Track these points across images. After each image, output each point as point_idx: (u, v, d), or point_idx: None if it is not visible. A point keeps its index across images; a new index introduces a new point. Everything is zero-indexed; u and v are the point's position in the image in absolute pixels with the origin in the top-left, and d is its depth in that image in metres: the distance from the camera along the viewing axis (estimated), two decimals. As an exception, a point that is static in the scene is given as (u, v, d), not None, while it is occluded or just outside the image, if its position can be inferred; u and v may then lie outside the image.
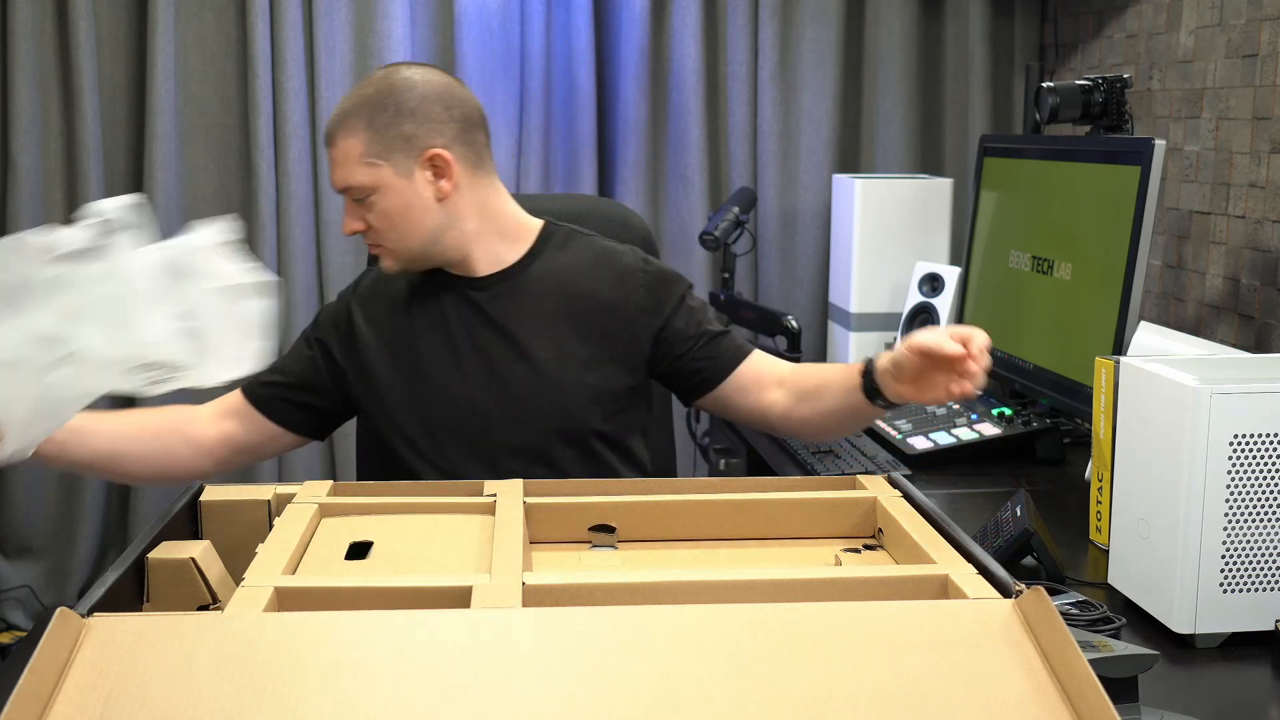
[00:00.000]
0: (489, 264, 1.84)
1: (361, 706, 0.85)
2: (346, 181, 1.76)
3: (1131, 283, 1.99)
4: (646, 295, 1.84)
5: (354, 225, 1.78)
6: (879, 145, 3.32)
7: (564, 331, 1.82)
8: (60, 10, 3.01)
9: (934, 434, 2.23)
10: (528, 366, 1.80)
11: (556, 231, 1.89)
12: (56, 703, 0.84)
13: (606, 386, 1.82)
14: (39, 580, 3.20)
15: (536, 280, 1.84)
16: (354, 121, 1.75)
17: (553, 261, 1.85)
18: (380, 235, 1.78)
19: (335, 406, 1.89)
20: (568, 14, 3.17)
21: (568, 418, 1.80)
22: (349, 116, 1.76)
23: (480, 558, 1.17)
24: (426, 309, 1.85)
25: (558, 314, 1.82)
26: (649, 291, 1.84)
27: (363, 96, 1.77)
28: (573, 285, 1.84)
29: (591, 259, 1.86)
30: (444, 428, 1.81)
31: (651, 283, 1.84)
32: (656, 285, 1.85)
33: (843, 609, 0.98)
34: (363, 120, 1.75)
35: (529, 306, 1.82)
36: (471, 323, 1.83)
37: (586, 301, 1.83)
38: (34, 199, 3.05)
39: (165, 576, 1.17)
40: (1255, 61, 2.38)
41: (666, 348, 1.84)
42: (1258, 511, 1.37)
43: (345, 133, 1.75)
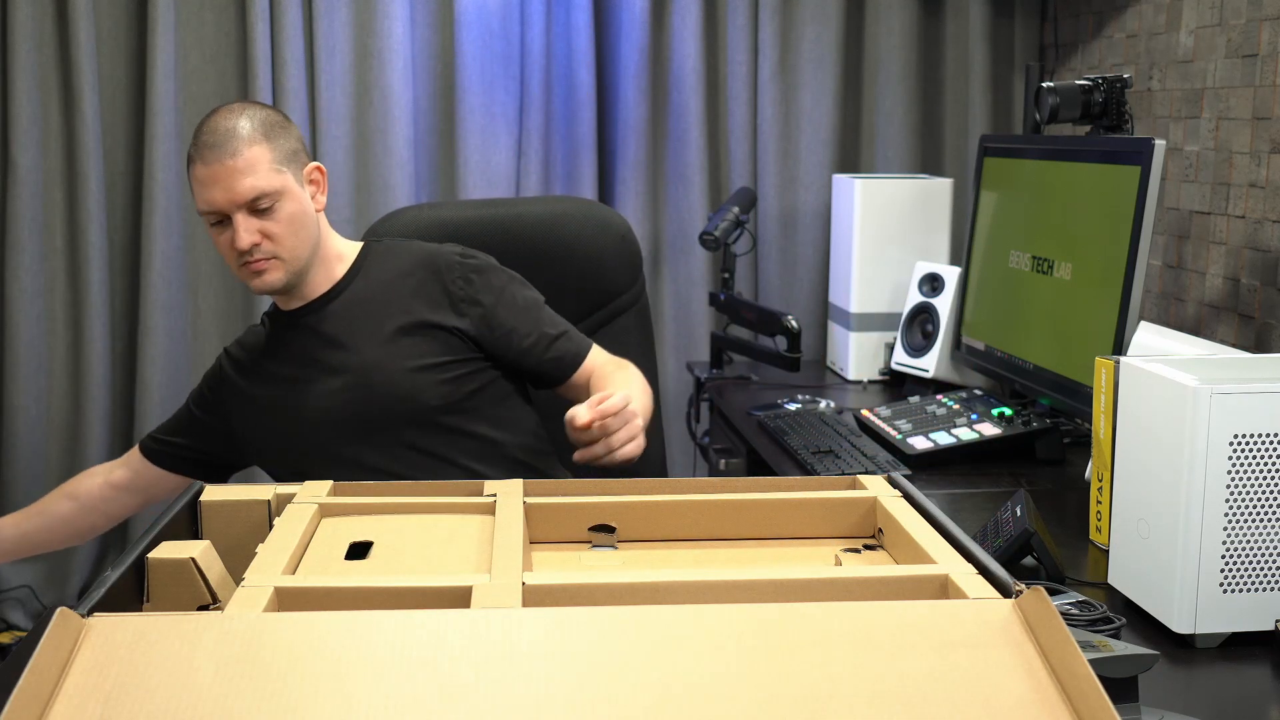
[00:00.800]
0: (319, 287, 1.95)
1: (361, 706, 0.85)
2: (257, 188, 1.81)
3: (1131, 283, 1.99)
4: (464, 284, 1.96)
5: (253, 238, 1.82)
6: (879, 145, 3.32)
7: (391, 327, 1.93)
8: (60, 10, 3.01)
9: (934, 434, 2.23)
10: (362, 366, 1.91)
11: (376, 247, 2.02)
12: (56, 703, 0.84)
13: (438, 366, 1.92)
14: (39, 580, 3.20)
15: (361, 291, 1.96)
16: (252, 133, 1.83)
17: (375, 271, 1.98)
18: (280, 244, 1.85)
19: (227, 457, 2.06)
20: (568, 14, 3.17)
21: (409, 403, 1.90)
22: (242, 131, 1.82)
23: (480, 558, 1.17)
24: (275, 347, 1.97)
25: (384, 314, 1.94)
26: (466, 281, 1.96)
27: (247, 117, 1.85)
28: (396, 286, 1.95)
29: (411, 260, 1.98)
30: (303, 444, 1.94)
31: (468, 272, 1.96)
32: (473, 274, 1.97)
33: (843, 609, 0.98)
34: (259, 133, 1.83)
35: (357, 315, 1.94)
36: (311, 345, 1.94)
37: (409, 298, 1.94)
38: (34, 199, 3.05)
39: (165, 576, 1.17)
40: (1255, 61, 2.38)
41: (502, 339, 1.96)
42: (1258, 511, 1.37)
43: (246, 143, 1.81)
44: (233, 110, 1.86)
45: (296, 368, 1.96)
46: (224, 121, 1.83)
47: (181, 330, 3.18)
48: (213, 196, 1.81)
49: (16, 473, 3.14)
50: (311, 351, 1.95)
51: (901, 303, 2.81)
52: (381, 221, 2.27)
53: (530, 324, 1.99)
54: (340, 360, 1.93)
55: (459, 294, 1.96)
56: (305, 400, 1.94)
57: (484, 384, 1.98)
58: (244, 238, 1.82)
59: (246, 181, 1.80)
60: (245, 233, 1.82)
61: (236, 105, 1.88)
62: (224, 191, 1.80)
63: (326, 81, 3.11)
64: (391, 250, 2.02)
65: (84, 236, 3.06)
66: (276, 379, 1.97)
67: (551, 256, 2.23)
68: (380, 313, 1.95)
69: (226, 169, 1.80)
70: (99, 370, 3.11)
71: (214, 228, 1.86)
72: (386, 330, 1.93)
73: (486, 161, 3.18)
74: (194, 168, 1.84)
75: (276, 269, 1.87)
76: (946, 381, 2.66)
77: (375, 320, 1.94)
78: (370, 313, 1.95)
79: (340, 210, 3.15)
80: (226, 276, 3.20)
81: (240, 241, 1.81)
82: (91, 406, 3.11)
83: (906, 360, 2.72)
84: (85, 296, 3.08)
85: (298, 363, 1.96)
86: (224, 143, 1.81)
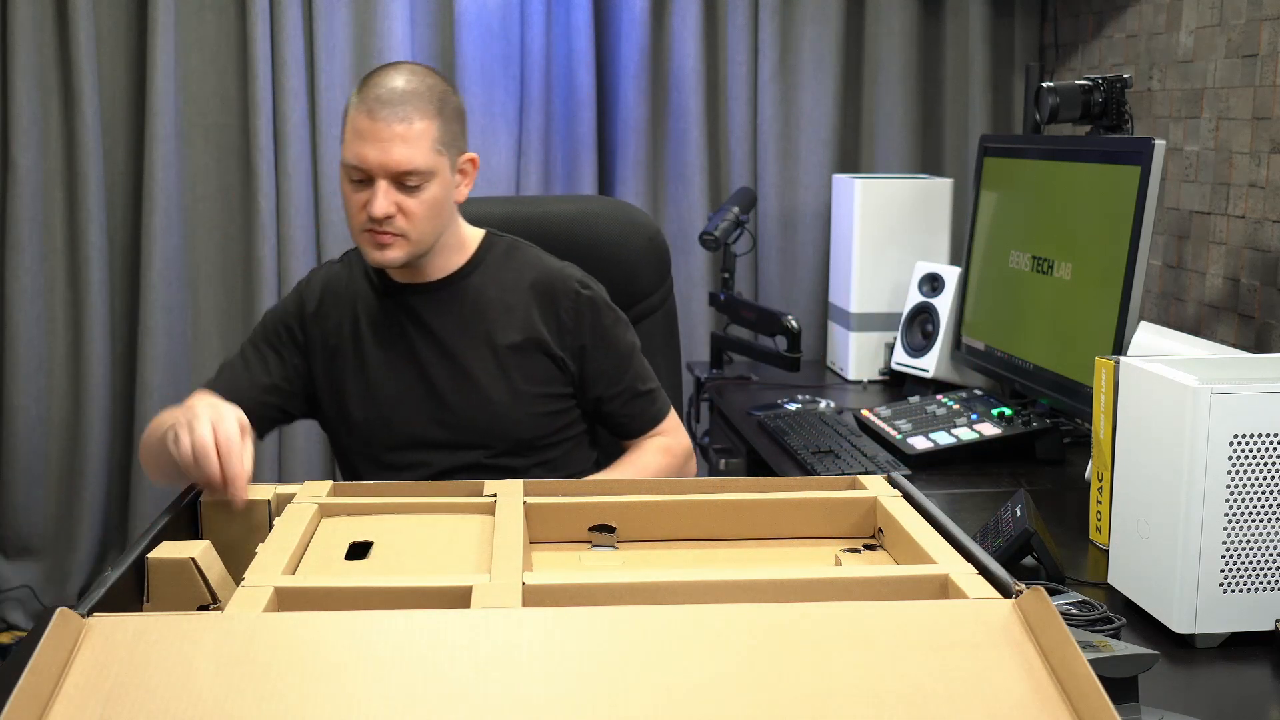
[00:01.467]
0: (436, 271, 1.87)
1: (361, 706, 0.85)
2: (413, 164, 1.72)
3: (1131, 283, 1.99)
4: (575, 316, 1.88)
5: (389, 209, 1.73)
6: (879, 145, 3.32)
7: (503, 341, 1.86)
8: (60, 10, 3.01)
9: (934, 434, 2.23)
10: (455, 375, 1.85)
11: (498, 242, 1.93)
12: (56, 703, 0.84)
13: (540, 397, 1.87)
14: (39, 580, 3.20)
15: (475, 291, 1.88)
16: (427, 106, 1.74)
17: (493, 272, 1.89)
18: (412, 223, 1.76)
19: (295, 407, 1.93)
20: (568, 14, 3.17)
21: (502, 424, 1.85)
22: (420, 99, 1.73)
23: (480, 558, 1.17)
24: (369, 309, 1.88)
25: (496, 324, 1.87)
26: (577, 313, 1.89)
27: (426, 85, 1.75)
28: (513, 297, 1.88)
29: (532, 272, 1.90)
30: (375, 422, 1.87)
31: (581, 305, 1.89)
32: (586, 308, 1.89)
33: (843, 609, 0.98)
34: (434, 106, 1.75)
35: (464, 316, 1.87)
36: (410, 327, 1.87)
37: (525, 315, 1.87)
38: (34, 199, 3.05)
39: (165, 576, 1.17)
40: (1255, 61, 2.38)
41: (591, 380, 1.90)
42: (1258, 511, 1.37)
43: (422, 115, 1.73)
44: (415, 72, 1.77)
45: (385, 344, 1.87)
46: (403, 82, 1.74)
47: (181, 330, 3.18)
48: (365, 153, 1.72)
49: (16, 473, 3.14)
50: (408, 334, 1.86)
51: (901, 303, 2.81)
52: None
53: (621, 373, 1.92)
54: (439, 357, 1.85)
55: (568, 324, 1.88)
56: (386, 381, 1.86)
57: (570, 421, 1.92)
58: (381, 205, 1.72)
59: (405, 153, 1.72)
60: (384, 201, 1.72)
61: (420, 69, 1.79)
62: (379, 154, 1.71)
63: (326, 82, 3.11)
64: (513, 253, 1.92)
65: (84, 236, 3.06)
66: (360, 343, 1.87)
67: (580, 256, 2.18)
68: (493, 321, 1.86)
69: (391, 132, 1.71)
70: (99, 370, 3.11)
71: (352, 182, 1.76)
72: (497, 343, 1.86)
73: (486, 161, 3.17)
74: (356, 116, 1.74)
75: (401, 246, 1.77)
76: (946, 381, 2.66)
77: (486, 327, 1.86)
78: (482, 317, 1.86)
79: (340, 210, 3.15)
80: (226, 276, 3.20)
81: (376, 208, 1.72)
82: (91, 406, 3.11)
83: (906, 360, 2.72)
84: (85, 296, 3.08)
85: (388, 339, 1.87)
86: (398, 104, 1.72)
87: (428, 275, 1.87)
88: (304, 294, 1.92)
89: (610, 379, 1.91)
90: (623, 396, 1.92)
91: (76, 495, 3.16)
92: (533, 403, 1.87)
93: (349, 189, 1.77)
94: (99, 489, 3.16)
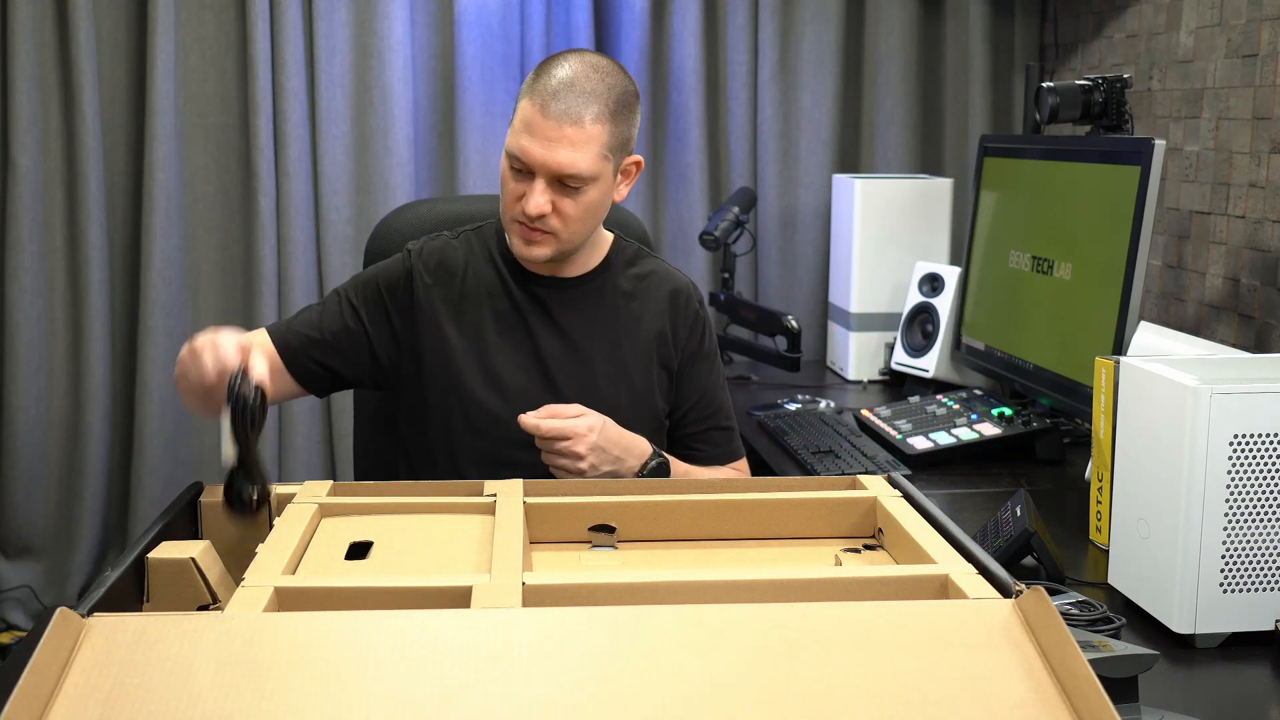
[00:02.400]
0: (574, 268, 1.82)
1: (361, 706, 0.85)
2: (576, 168, 1.67)
3: (1131, 283, 1.99)
4: (689, 335, 1.86)
5: (544, 209, 1.68)
6: (879, 145, 3.32)
7: (622, 349, 1.82)
8: (60, 10, 3.01)
9: (934, 434, 2.23)
10: (585, 376, 1.79)
11: (626, 247, 1.89)
12: (56, 703, 0.84)
13: (650, 408, 1.83)
14: (39, 580, 3.20)
15: (608, 293, 1.83)
16: (603, 109, 1.68)
17: (621, 277, 1.85)
18: (565, 224, 1.71)
19: (354, 372, 1.81)
20: (568, 14, 3.17)
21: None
22: (598, 101, 1.68)
23: (480, 558, 1.17)
24: (494, 295, 1.80)
25: (619, 331, 1.82)
26: (691, 331, 1.86)
27: (606, 85, 1.69)
28: (640, 304, 1.84)
29: (659, 283, 1.86)
30: (486, 415, 1.77)
31: (696, 324, 1.87)
32: (702, 328, 1.88)
33: (843, 609, 0.98)
34: (609, 110, 1.69)
35: (596, 317, 1.82)
36: (532, 321, 1.80)
37: (655, 329, 1.84)
38: (34, 199, 3.05)
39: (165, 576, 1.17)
40: (1255, 61, 2.38)
41: (681, 398, 1.86)
42: (1258, 511, 1.37)
43: (595, 118, 1.67)
44: (598, 69, 1.70)
45: (506, 333, 1.79)
46: (584, 79, 1.67)
47: (181, 330, 3.18)
48: (530, 148, 1.66)
49: (17, 472, 3.14)
50: (532, 327, 1.79)
51: (901, 303, 2.81)
52: (395, 213, 2.23)
53: (714, 402, 1.88)
54: (564, 354, 1.79)
55: (683, 337, 1.85)
56: (509, 373, 1.78)
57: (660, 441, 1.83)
58: (537, 203, 1.67)
59: (570, 157, 1.66)
60: (540, 200, 1.67)
61: (603, 63, 1.72)
62: (544, 152, 1.66)
63: (326, 81, 3.11)
64: (641, 258, 1.88)
65: (84, 236, 3.06)
66: (480, 328, 1.79)
67: None
68: (624, 325, 1.82)
69: (561, 133, 1.65)
70: (99, 370, 3.11)
71: (512, 170, 1.71)
72: (624, 347, 1.81)
73: (486, 161, 3.17)
74: (528, 107, 1.68)
75: (549, 244, 1.72)
76: (946, 381, 2.66)
77: (616, 331, 1.82)
78: (614, 319, 1.82)
79: (340, 210, 3.15)
80: (226, 276, 3.20)
81: (531, 206, 1.67)
82: (91, 406, 3.11)
83: (906, 360, 2.72)
84: (85, 296, 3.08)
85: (509, 329, 1.80)
86: (572, 104, 1.65)
87: (565, 271, 1.81)
88: (414, 263, 1.82)
89: (701, 404, 1.87)
90: (707, 425, 1.88)
91: (76, 495, 3.16)
92: (646, 412, 1.82)
93: (508, 175, 1.72)
94: (99, 489, 3.16)
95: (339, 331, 1.80)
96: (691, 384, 1.86)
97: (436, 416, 1.80)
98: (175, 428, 3.19)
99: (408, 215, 2.20)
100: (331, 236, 3.16)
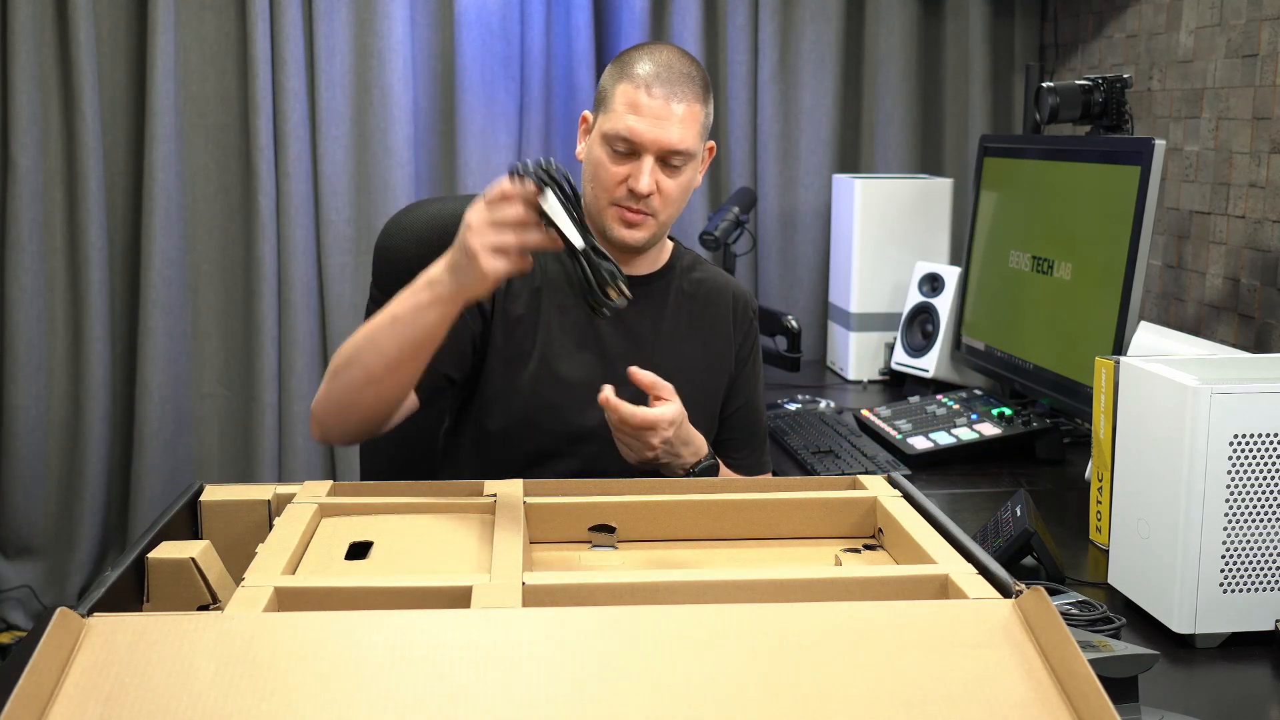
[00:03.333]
0: (643, 265, 1.83)
1: (361, 706, 0.85)
2: (685, 144, 1.71)
3: (1131, 283, 1.99)
4: (744, 337, 1.89)
5: (651, 185, 1.71)
6: (879, 145, 3.32)
7: (685, 349, 1.83)
8: (60, 10, 3.01)
9: (934, 434, 2.23)
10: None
11: (686, 252, 1.92)
12: (56, 703, 0.84)
13: (708, 409, 1.83)
14: (39, 580, 3.20)
15: (674, 294, 1.85)
16: (701, 91, 1.74)
17: (684, 280, 1.87)
18: (666, 204, 1.74)
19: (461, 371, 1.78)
20: (568, 14, 3.17)
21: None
22: (695, 83, 1.73)
23: (480, 558, 1.17)
24: (560, 289, 1.80)
25: (682, 331, 1.83)
26: (746, 335, 1.89)
27: (698, 70, 1.75)
28: (699, 309, 1.85)
29: (718, 287, 1.89)
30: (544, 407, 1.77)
31: (749, 325, 1.90)
32: (752, 330, 1.91)
33: (843, 609, 0.98)
34: (705, 93, 1.75)
35: (664, 318, 1.83)
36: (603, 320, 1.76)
37: (708, 327, 1.85)
38: (34, 199, 3.05)
39: (165, 576, 1.17)
40: (1255, 61, 2.38)
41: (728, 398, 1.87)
42: (1258, 511, 1.37)
43: (695, 99, 1.72)
44: (685, 57, 1.76)
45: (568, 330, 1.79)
46: (680, 64, 1.73)
47: (181, 330, 3.18)
48: (640, 130, 1.69)
49: (17, 472, 3.14)
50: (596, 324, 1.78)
51: (901, 303, 2.81)
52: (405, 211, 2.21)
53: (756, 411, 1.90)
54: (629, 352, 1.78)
55: (737, 346, 1.88)
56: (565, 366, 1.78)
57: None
58: (649, 181, 1.70)
59: (680, 133, 1.70)
60: (651, 178, 1.70)
61: (686, 54, 1.77)
62: (657, 131, 1.69)
63: (326, 81, 3.11)
64: (699, 265, 1.90)
65: (84, 236, 3.06)
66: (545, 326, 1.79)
67: None
68: (689, 326, 1.83)
69: (671, 111, 1.69)
70: (99, 370, 3.11)
71: (614, 153, 1.72)
72: (687, 348, 1.82)
73: (486, 161, 3.18)
74: (632, 87, 1.70)
75: (649, 227, 1.74)
76: (946, 381, 2.66)
77: (679, 334, 1.82)
78: (680, 319, 1.83)
79: (340, 210, 3.15)
80: (226, 276, 3.20)
81: (643, 184, 1.69)
82: (91, 406, 3.11)
83: (906, 360, 2.72)
84: (85, 296, 3.08)
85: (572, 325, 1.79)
86: (678, 84, 1.71)
87: (633, 269, 1.81)
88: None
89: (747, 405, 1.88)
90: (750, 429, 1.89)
91: (76, 495, 3.16)
92: (705, 413, 1.81)
93: (606, 160, 1.73)
94: (99, 489, 3.16)
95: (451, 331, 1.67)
96: (740, 389, 1.88)
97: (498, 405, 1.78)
98: (175, 428, 3.19)
99: (417, 213, 2.19)
100: (331, 236, 3.16)
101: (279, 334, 3.17)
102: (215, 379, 3.23)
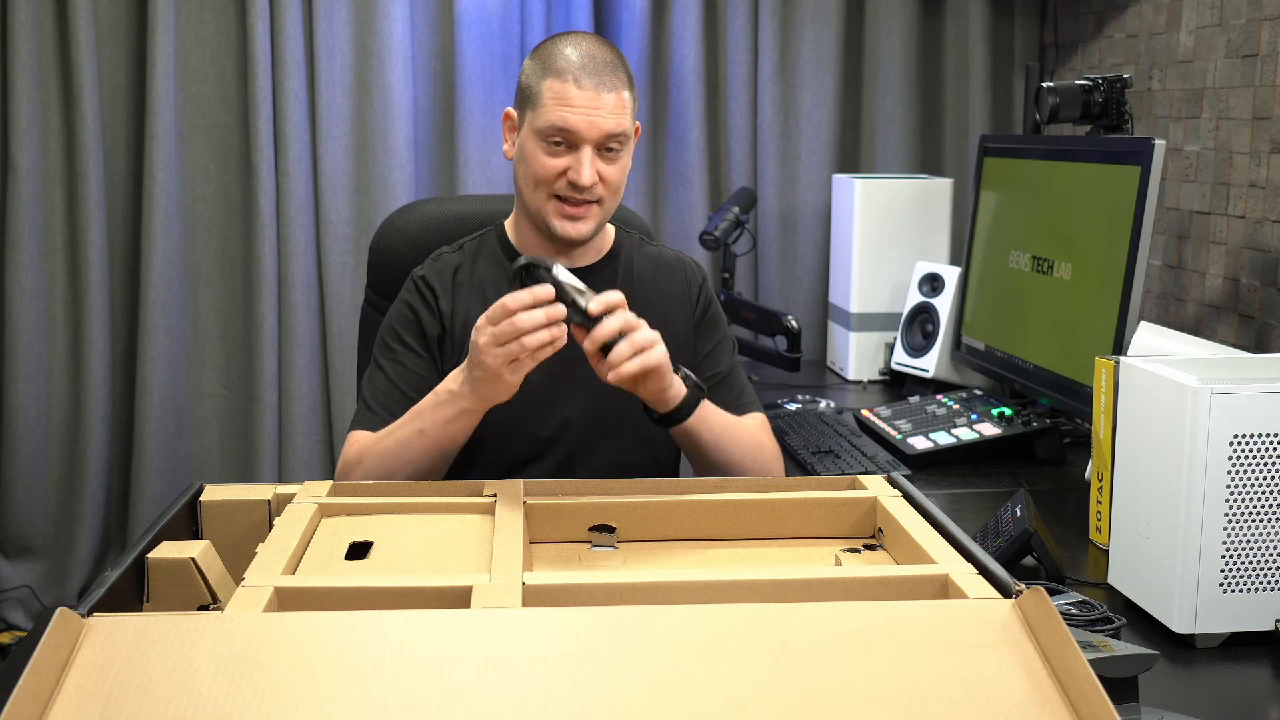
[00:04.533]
0: (585, 257, 1.85)
1: (361, 706, 0.85)
2: (621, 128, 1.74)
3: (1131, 283, 1.99)
4: (704, 308, 1.90)
5: (594, 175, 1.73)
6: (879, 145, 3.32)
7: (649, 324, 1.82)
8: (60, 10, 3.01)
9: (934, 434, 2.23)
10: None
11: (629, 235, 1.94)
12: (56, 703, 0.84)
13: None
14: (39, 580, 3.20)
15: (622, 279, 1.86)
16: (626, 77, 1.77)
17: (632, 260, 1.89)
18: (608, 191, 1.76)
19: None
20: (568, 14, 3.17)
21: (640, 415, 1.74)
22: (618, 70, 1.75)
23: (480, 558, 1.17)
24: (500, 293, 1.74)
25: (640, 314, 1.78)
26: (707, 304, 1.91)
27: (618, 56, 1.77)
28: (649, 287, 1.87)
29: (665, 263, 1.91)
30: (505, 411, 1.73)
31: (708, 297, 1.92)
32: (711, 301, 1.92)
33: (843, 609, 0.98)
34: (629, 78, 1.77)
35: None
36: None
37: (664, 303, 1.86)
38: (34, 199, 3.05)
39: (165, 576, 1.17)
40: (1255, 61, 2.38)
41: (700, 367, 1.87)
42: (1258, 511, 1.37)
43: (622, 85, 1.75)
44: (603, 44, 1.78)
45: None
46: (602, 53, 1.75)
47: (181, 330, 3.18)
48: (573, 121, 1.71)
49: (16, 472, 3.14)
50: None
51: (901, 303, 2.81)
52: (399, 212, 2.22)
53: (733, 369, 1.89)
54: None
55: (699, 315, 1.89)
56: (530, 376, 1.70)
57: None
58: (589, 172, 1.72)
59: (610, 119, 1.72)
60: (591, 169, 1.72)
61: (603, 40, 1.80)
62: (590, 120, 1.71)
63: (326, 81, 3.11)
64: (645, 245, 1.93)
65: (84, 236, 3.06)
66: None
67: None
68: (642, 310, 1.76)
69: (601, 100, 1.71)
70: (99, 370, 3.11)
71: (552, 146, 1.73)
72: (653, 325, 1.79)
73: (486, 161, 3.18)
74: (558, 83, 1.72)
75: (593, 216, 1.76)
76: (946, 381, 2.66)
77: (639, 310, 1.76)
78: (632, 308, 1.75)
79: (340, 210, 3.15)
80: (226, 276, 3.20)
81: (584, 176, 1.71)
82: (91, 406, 3.11)
83: (906, 360, 2.72)
84: (85, 296, 3.08)
85: None
86: (605, 73, 1.73)
87: (578, 261, 1.83)
88: (428, 286, 1.84)
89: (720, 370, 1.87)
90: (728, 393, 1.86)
91: (76, 495, 3.16)
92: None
93: (541, 153, 1.74)
94: (99, 489, 3.16)
95: (415, 376, 1.79)
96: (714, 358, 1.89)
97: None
98: (175, 428, 3.19)
99: (413, 214, 2.20)
100: (331, 236, 3.16)
101: (279, 334, 3.17)
102: (215, 379, 3.23)
